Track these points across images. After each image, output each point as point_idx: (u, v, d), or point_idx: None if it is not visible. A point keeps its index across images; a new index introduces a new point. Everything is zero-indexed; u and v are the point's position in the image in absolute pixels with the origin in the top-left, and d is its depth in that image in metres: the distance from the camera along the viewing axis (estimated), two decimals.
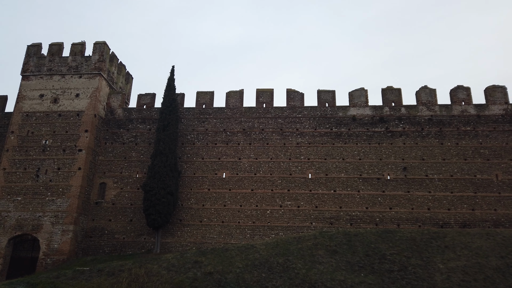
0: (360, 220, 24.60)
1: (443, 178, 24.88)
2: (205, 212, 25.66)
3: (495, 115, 25.88)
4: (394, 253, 19.95)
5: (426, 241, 20.98)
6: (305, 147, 26.78)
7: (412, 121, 26.50)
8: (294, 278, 17.90)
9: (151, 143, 27.64)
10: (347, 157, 26.24)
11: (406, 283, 17.70)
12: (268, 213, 25.30)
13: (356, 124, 26.98)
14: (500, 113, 25.90)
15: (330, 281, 17.62)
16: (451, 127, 25.98)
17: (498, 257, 19.47)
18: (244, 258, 19.55)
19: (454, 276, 18.17)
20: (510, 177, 24.37)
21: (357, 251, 20.14)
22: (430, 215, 24.18)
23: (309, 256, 19.73)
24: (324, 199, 25.35)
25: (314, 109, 27.75)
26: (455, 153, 25.36)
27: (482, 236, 21.32)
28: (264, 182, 26.10)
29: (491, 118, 25.85)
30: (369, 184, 25.39)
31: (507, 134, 25.36)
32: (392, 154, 25.91)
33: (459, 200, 24.28)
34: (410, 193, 24.84)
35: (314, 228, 24.50)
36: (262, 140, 27.25)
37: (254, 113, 28.03)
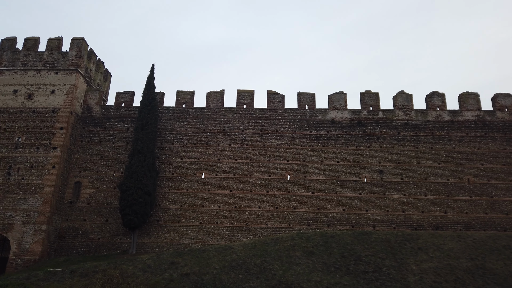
0: (337, 221, 24.93)
1: (417, 181, 25.51)
2: (183, 212, 25.44)
3: (468, 121, 26.74)
4: (369, 255, 20.31)
5: (400, 243, 21.44)
6: (285, 149, 26.95)
7: (389, 125, 27.06)
8: (271, 279, 17.96)
9: (129, 142, 27.20)
10: (326, 159, 26.55)
11: (380, 284, 18.04)
12: (247, 214, 25.31)
13: (335, 127, 27.34)
14: (472, 119, 26.78)
15: (306, 282, 17.77)
16: (426, 132, 26.68)
17: (469, 259, 20.10)
18: (221, 259, 19.49)
19: (426, 277, 18.64)
20: (481, 181, 25.22)
21: (333, 252, 20.40)
22: (405, 217, 24.74)
23: (286, 257, 19.85)
24: (302, 200, 25.56)
25: (294, 111, 27.96)
26: (429, 157, 26.05)
27: (453, 238, 21.96)
28: (243, 183, 26.11)
29: (464, 123, 26.70)
30: (346, 186, 25.76)
31: (479, 140, 26.24)
32: (369, 157, 26.39)
33: (432, 203, 24.94)
34: (386, 195, 25.35)
35: (292, 230, 24.67)
36: (242, 141, 27.26)
37: (235, 114, 28.01)
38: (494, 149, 25.88)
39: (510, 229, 23.86)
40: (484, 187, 25.06)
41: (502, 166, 25.44)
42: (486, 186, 25.06)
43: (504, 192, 24.82)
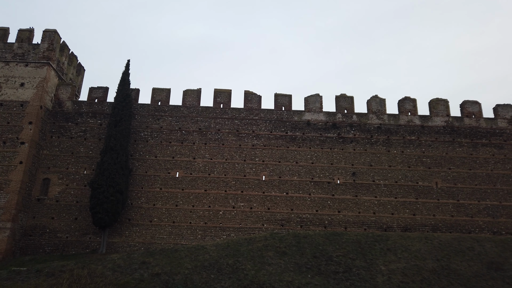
0: (310, 222, 25.24)
1: (388, 184, 26.18)
2: (155, 211, 25.09)
3: (437, 126, 27.67)
4: (340, 255, 20.68)
5: (370, 244, 21.94)
6: (260, 149, 27.04)
7: (362, 129, 27.64)
8: (243, 279, 18.00)
9: (101, 138, 26.58)
10: (301, 160, 26.83)
11: (350, 284, 18.41)
12: (221, 214, 25.25)
13: (310, 129, 27.68)
14: (442, 124, 27.73)
15: (278, 282, 17.91)
16: (397, 136, 27.42)
17: (435, 260, 20.80)
18: (193, 259, 19.36)
19: (394, 278, 19.17)
20: (448, 185, 26.15)
21: (305, 253, 20.65)
22: (375, 219, 25.34)
23: (259, 257, 19.94)
24: (277, 201, 25.74)
25: (271, 112, 28.11)
26: (400, 161, 26.79)
27: (421, 239, 22.67)
28: (218, 182, 26.02)
29: (434, 129, 27.61)
30: (320, 187, 26.13)
31: (447, 145, 27.20)
32: (342, 159, 26.86)
33: (402, 205, 25.66)
34: (357, 197, 25.88)
35: (265, 230, 24.79)
36: (218, 140, 27.16)
37: (211, 113, 27.88)
38: (461, 154, 26.90)
39: (474, 232, 24.86)
40: (451, 190, 26.00)
41: (468, 170, 26.47)
42: (453, 190, 26.01)
43: (470, 196, 25.84)
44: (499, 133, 27.38)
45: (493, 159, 26.70)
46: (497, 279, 19.51)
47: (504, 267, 20.40)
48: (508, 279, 19.53)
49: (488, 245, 22.28)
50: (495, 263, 20.60)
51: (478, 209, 25.48)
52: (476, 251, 21.63)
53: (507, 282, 19.37)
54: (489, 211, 25.41)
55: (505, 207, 25.54)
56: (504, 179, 26.21)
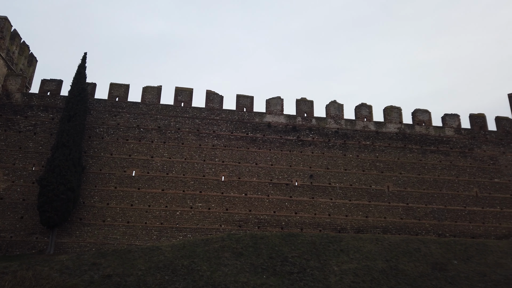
0: (267, 223, 25.49)
1: (343, 186, 27.03)
2: (109, 211, 24.24)
3: (391, 133, 28.96)
4: (296, 256, 21.07)
5: (325, 245, 22.54)
6: (221, 149, 26.96)
7: (320, 132, 28.34)
8: (198, 280, 17.85)
9: (53, 133, 25.31)
10: (260, 162, 27.04)
11: (304, 285, 18.80)
12: (178, 214, 24.86)
13: (271, 131, 27.98)
14: (395, 131, 29.06)
15: (233, 283, 17.94)
16: (353, 141, 28.38)
17: (384, 261, 21.74)
18: (147, 260, 18.92)
19: (346, 278, 19.81)
20: (399, 189, 27.43)
21: (261, 254, 20.83)
22: (330, 220, 26.06)
23: (215, 258, 19.86)
24: (235, 202, 25.75)
25: (232, 112, 28.11)
26: (355, 165, 27.75)
27: (372, 241, 23.60)
28: (176, 182, 25.62)
29: (387, 135, 28.87)
30: (278, 189, 26.47)
31: (399, 150, 28.54)
32: (301, 162, 27.39)
33: (355, 208, 26.58)
34: (314, 199, 26.48)
35: (223, 231, 24.72)
36: (178, 139, 26.75)
37: (171, 112, 27.41)
38: (412, 160, 28.32)
39: (421, 233, 26.25)
40: (401, 194, 27.30)
41: (417, 175, 27.91)
42: (403, 194, 27.32)
43: (418, 200, 27.26)
44: (446, 141, 29.13)
45: (440, 165, 28.36)
46: (440, 279, 20.72)
47: (447, 267, 21.71)
48: (450, 279, 20.80)
49: (433, 246, 23.60)
50: (439, 264, 21.86)
51: (425, 212, 26.94)
52: (422, 252, 22.84)
53: (449, 281, 20.62)
54: (435, 214, 26.94)
55: (449, 210, 27.19)
56: (449, 184, 27.91)
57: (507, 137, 29.63)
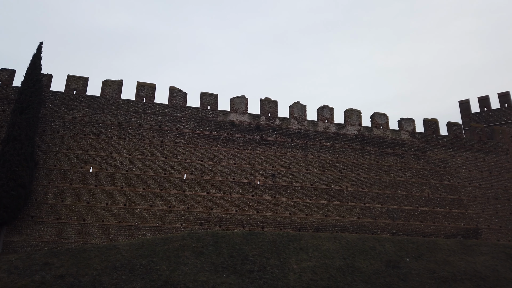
0: (229, 222, 25.47)
1: (304, 186, 27.56)
2: (64, 208, 23.20)
3: (350, 135, 29.88)
4: (256, 254, 21.23)
5: (285, 243, 22.89)
6: (183, 147, 26.60)
7: (284, 133, 28.72)
8: (157, 280, 17.52)
9: (3, 126, 23.84)
10: (223, 160, 26.97)
11: (264, 283, 18.99)
12: (137, 212, 24.25)
13: (235, 130, 27.97)
14: (354, 133, 30.01)
15: (193, 282, 17.78)
16: (315, 141, 29.01)
17: (341, 258, 22.41)
18: (103, 260, 18.32)
19: (304, 276, 20.23)
20: (356, 189, 28.37)
21: (222, 252, 20.80)
22: (291, 219, 26.48)
23: (175, 257, 19.59)
24: (197, 200, 25.52)
25: (196, 110, 27.82)
26: (316, 165, 28.37)
27: (330, 239, 24.26)
28: (136, 180, 24.97)
29: (347, 137, 29.76)
30: (240, 188, 26.52)
31: (358, 152, 29.51)
32: (264, 161, 27.61)
33: (315, 207, 27.19)
34: (276, 198, 26.80)
35: (183, 229, 24.40)
36: (139, 136, 26.08)
37: (133, 107, 26.68)
38: (369, 161, 29.39)
39: (376, 232, 27.30)
40: (359, 194, 28.26)
41: (374, 176, 29.00)
42: (361, 194, 28.29)
43: (374, 200, 28.33)
44: (401, 144, 30.48)
45: (396, 167, 29.64)
46: (393, 276, 21.67)
47: (399, 265, 22.75)
48: (402, 276, 21.81)
49: (387, 245, 24.64)
50: (392, 261, 22.86)
51: (381, 212, 28.06)
52: (377, 250, 23.78)
53: (401, 278, 21.62)
54: (390, 214, 28.12)
55: (403, 210, 28.49)
56: (404, 185, 29.24)
57: (457, 141, 31.48)
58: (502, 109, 35.44)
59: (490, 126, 34.02)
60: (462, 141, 31.53)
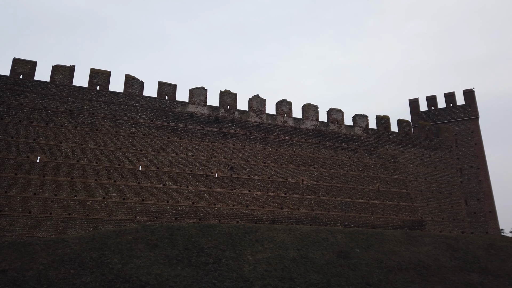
0: (185, 214, 25.23)
1: (262, 179, 27.87)
2: (7, 200, 21.85)
3: (308, 129, 30.54)
4: (212, 247, 21.23)
5: (241, 236, 23.06)
6: (139, 138, 25.90)
7: (243, 125, 28.79)
8: (108, 273, 17.03)
9: None
10: (181, 152, 26.59)
11: (219, 275, 19.05)
12: (88, 204, 23.36)
13: (193, 121, 27.63)
14: (311, 127, 30.70)
15: (146, 275, 17.47)
16: (273, 135, 29.36)
17: (295, 250, 22.96)
18: (50, 253, 17.51)
19: (259, 267, 20.52)
20: (312, 182, 29.13)
21: (177, 245, 20.58)
22: (248, 211, 26.72)
23: (128, 250, 19.12)
24: (152, 192, 25.02)
25: (153, 100, 27.14)
26: (274, 158, 28.76)
27: (285, 231, 24.76)
28: (88, 170, 24.01)
29: (304, 131, 30.40)
30: (198, 180, 26.32)
31: (314, 146, 30.26)
32: (222, 154, 27.56)
33: (272, 200, 27.62)
34: (233, 191, 26.89)
35: (137, 222, 23.86)
36: (91, 124, 25.03)
37: (85, 95, 25.52)
38: (325, 156, 30.25)
39: (329, 224, 28.25)
40: (314, 187, 29.05)
41: (329, 170, 29.91)
42: (315, 187, 29.09)
43: (328, 193, 29.26)
44: (355, 139, 31.63)
45: (349, 162, 30.74)
46: (344, 266, 22.55)
47: (350, 255, 23.70)
48: (352, 266, 22.74)
49: (339, 236, 25.56)
50: (343, 252, 23.77)
51: (334, 205, 29.05)
52: (329, 242, 24.60)
53: (351, 268, 22.54)
54: (342, 207, 29.19)
55: (355, 203, 29.67)
56: (356, 179, 30.42)
57: (406, 138, 33.18)
58: (448, 109, 37.80)
59: (436, 124, 36.19)
60: (410, 138, 33.27)
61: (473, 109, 36.86)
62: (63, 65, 25.67)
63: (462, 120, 36.75)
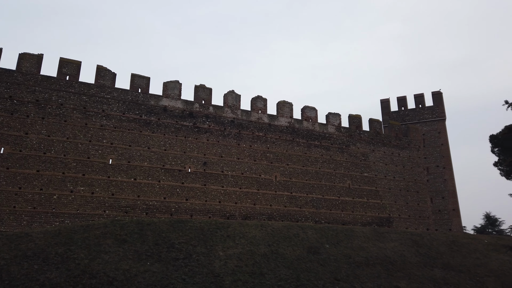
0: (156, 209, 24.91)
1: (235, 175, 27.88)
2: None
3: (282, 126, 30.76)
4: (183, 242, 21.07)
5: (213, 231, 23.01)
6: (110, 130, 25.29)
7: (217, 121, 28.65)
8: (74, 269, 16.60)
9: None
10: (153, 146, 26.19)
11: (189, 270, 18.95)
12: (55, 198, 22.65)
13: (167, 115, 27.25)
14: (285, 124, 30.94)
15: (113, 271, 17.14)
16: (248, 131, 29.39)
17: (266, 245, 23.14)
18: (13, 248, 16.87)
19: (230, 262, 20.56)
20: (285, 179, 29.40)
21: (147, 240, 20.30)
22: (220, 207, 26.69)
23: (95, 245, 18.69)
24: (123, 187, 24.54)
25: (126, 92, 26.55)
26: (248, 154, 28.81)
27: (257, 227, 24.90)
28: (55, 163, 23.25)
29: (279, 128, 30.60)
30: (170, 175, 26.02)
31: (288, 143, 30.53)
32: (195, 149, 27.34)
33: (245, 195, 27.69)
34: (206, 186, 26.77)
35: (107, 217, 23.36)
36: (60, 116, 24.22)
37: (54, 85, 24.65)
38: (298, 153, 30.58)
39: (301, 220, 28.65)
40: (287, 184, 29.33)
41: (302, 167, 30.27)
42: (288, 183, 29.39)
43: (301, 189, 29.63)
44: (328, 137, 32.13)
45: (322, 159, 31.22)
46: (314, 261, 22.93)
47: (320, 251, 24.12)
48: (322, 261, 23.16)
49: (310, 232, 25.95)
50: (313, 248, 24.16)
51: (306, 201, 29.46)
52: (300, 237, 24.95)
53: (321, 263, 22.95)
54: (314, 203, 29.65)
55: (326, 200, 30.21)
56: (328, 176, 30.95)
57: (376, 137, 34.01)
58: (417, 109, 39.02)
59: (406, 124, 37.29)
60: (381, 137, 34.14)
61: (440, 111, 38.24)
62: (31, 53, 24.68)
63: (430, 121, 38.06)
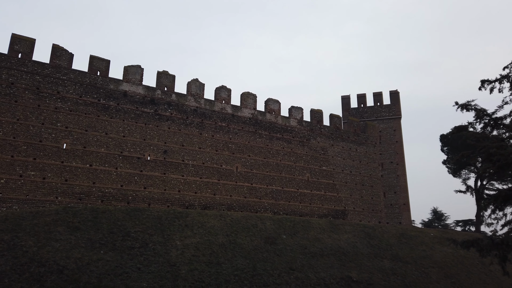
0: (112, 197, 24.23)
1: (196, 164, 27.65)
2: None
3: (245, 117, 30.80)
4: (139, 231, 20.70)
5: (171, 220, 22.77)
6: (65, 114, 24.16)
7: (180, 109, 28.17)
8: (21, 256, 15.86)
9: None
10: (111, 132, 25.35)
11: (144, 259, 18.69)
12: (3, 182, 21.41)
13: (127, 101, 26.43)
14: (248, 116, 31.01)
15: (64, 259, 16.56)
16: (210, 121, 29.17)
17: (225, 235, 23.26)
18: None
19: (187, 252, 20.49)
20: (245, 170, 29.57)
21: (101, 228, 19.76)
22: (179, 196, 26.41)
23: (45, 232, 17.93)
24: (77, 173, 23.61)
25: (83, 74, 25.41)
26: (210, 144, 28.64)
27: (216, 217, 24.94)
28: (3, 146, 21.92)
29: (242, 119, 30.61)
30: (128, 162, 25.36)
31: (250, 135, 30.65)
32: (156, 136, 26.78)
33: (205, 185, 27.57)
34: (166, 175, 26.35)
35: (59, 203, 22.42)
36: (10, 95, 22.80)
37: (4, 62, 23.13)
38: (260, 144, 30.81)
39: (260, 211, 29.00)
40: (247, 175, 29.52)
41: (263, 159, 30.56)
42: (249, 175, 29.59)
43: (261, 181, 29.94)
44: (290, 130, 32.61)
45: (283, 151, 31.67)
46: (270, 251, 23.37)
47: (277, 241, 24.60)
48: (278, 251, 23.65)
49: (268, 223, 26.38)
50: (271, 238, 24.60)
51: (266, 192, 29.84)
52: (258, 228, 25.29)
53: (277, 253, 23.44)
54: (273, 195, 30.09)
55: (285, 191, 30.75)
56: (288, 169, 31.48)
57: (336, 132, 34.96)
58: (375, 107, 40.49)
59: (364, 121, 38.60)
60: (340, 132, 35.13)
61: (397, 109, 39.92)
62: None
63: (387, 119, 39.67)
